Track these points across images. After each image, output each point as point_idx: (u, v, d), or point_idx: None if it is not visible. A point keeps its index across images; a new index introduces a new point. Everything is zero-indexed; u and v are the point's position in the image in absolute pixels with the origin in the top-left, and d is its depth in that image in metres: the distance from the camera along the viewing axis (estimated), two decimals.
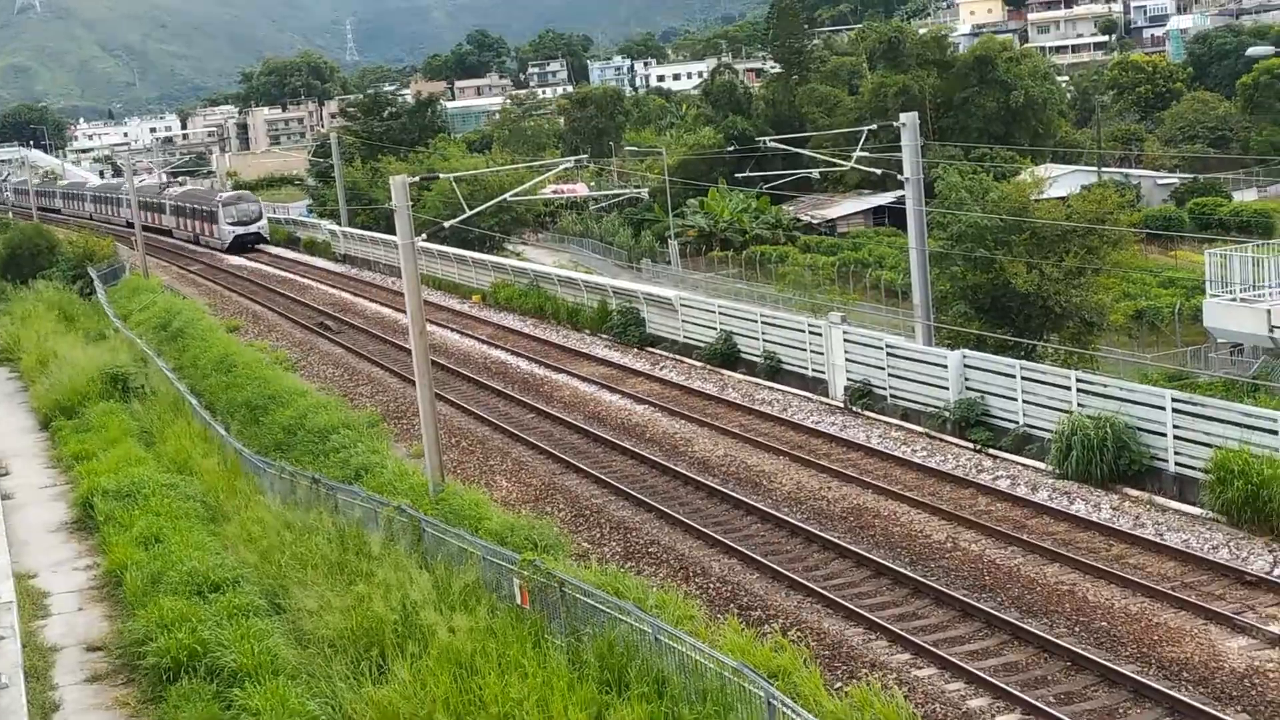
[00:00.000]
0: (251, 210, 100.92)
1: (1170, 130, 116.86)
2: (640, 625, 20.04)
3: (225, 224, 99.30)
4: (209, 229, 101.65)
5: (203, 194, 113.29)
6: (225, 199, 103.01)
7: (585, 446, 38.87)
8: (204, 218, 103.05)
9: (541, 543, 27.20)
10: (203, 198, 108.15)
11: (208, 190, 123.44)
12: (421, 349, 32.43)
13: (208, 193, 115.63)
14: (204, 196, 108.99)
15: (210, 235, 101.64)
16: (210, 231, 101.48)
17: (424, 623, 22.87)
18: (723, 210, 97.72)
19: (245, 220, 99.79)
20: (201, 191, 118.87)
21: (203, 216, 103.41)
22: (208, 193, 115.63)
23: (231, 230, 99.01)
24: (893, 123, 41.83)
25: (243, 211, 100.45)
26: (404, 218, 32.05)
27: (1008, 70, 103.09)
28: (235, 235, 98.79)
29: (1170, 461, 30.18)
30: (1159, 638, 22.86)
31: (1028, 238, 45.99)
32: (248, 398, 45.44)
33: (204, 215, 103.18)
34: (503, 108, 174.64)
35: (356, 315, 66.18)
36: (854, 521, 30.21)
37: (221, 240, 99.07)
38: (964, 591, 25.51)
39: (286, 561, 27.61)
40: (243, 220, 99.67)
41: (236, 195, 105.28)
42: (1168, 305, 61.10)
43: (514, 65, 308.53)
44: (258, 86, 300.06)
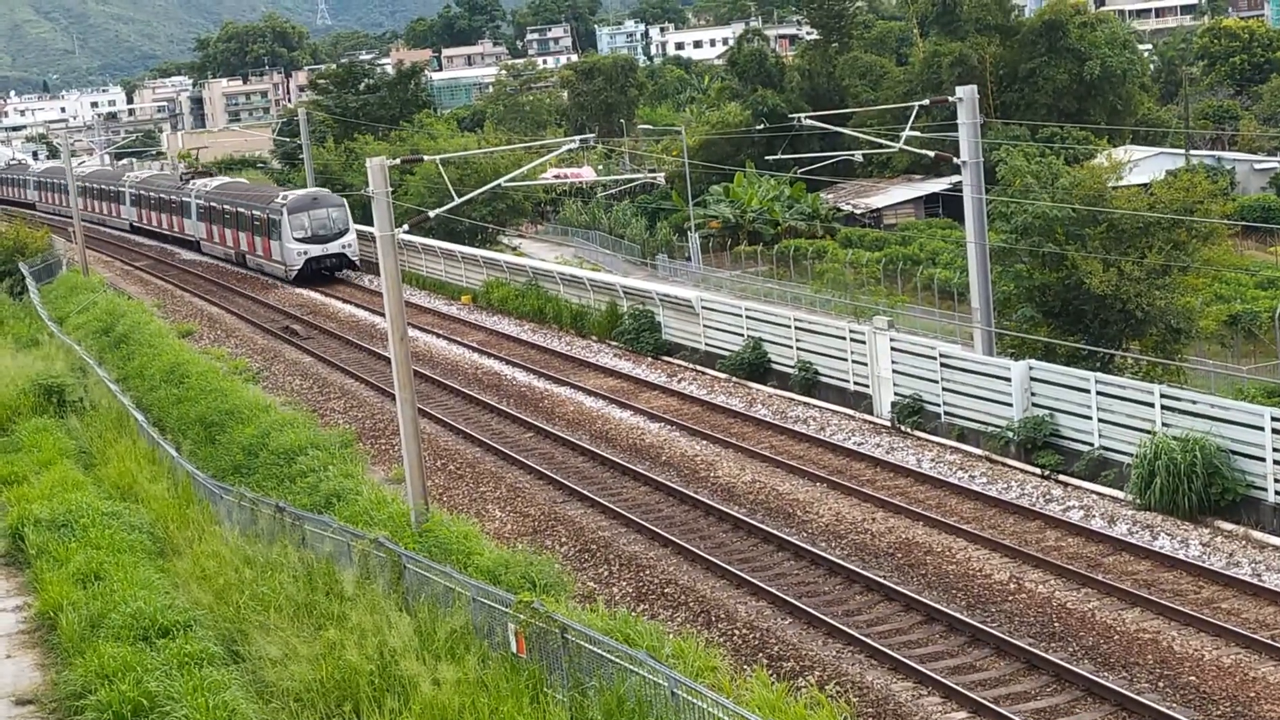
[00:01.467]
0: (334, 220, 77.85)
1: (1270, 107, 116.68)
2: (654, 678, 20.01)
3: (293, 240, 77.00)
4: (265, 245, 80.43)
5: (253, 192, 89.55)
6: (293, 201, 78.18)
7: (591, 471, 38.88)
8: (257, 228, 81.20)
9: (540, 582, 27.19)
10: (254, 197, 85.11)
11: (261, 187, 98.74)
12: (403, 357, 32.47)
13: (262, 190, 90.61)
14: (256, 196, 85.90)
15: (266, 254, 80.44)
16: (267, 249, 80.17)
17: (405, 674, 22.85)
18: (751, 198, 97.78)
19: (324, 234, 77.51)
20: (250, 188, 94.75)
21: (254, 227, 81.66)
22: (262, 190, 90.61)
23: (302, 250, 76.96)
24: (948, 98, 41.83)
25: (320, 221, 77.51)
26: (382, 206, 32.09)
27: (1081, 37, 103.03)
28: (308, 258, 76.96)
29: (1270, 490, 30.10)
30: (1256, 695, 22.79)
31: (1104, 231, 45.92)
32: (202, 413, 45.50)
33: (257, 225, 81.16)
34: (497, 80, 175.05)
35: (328, 318, 66.33)
36: (902, 559, 30.18)
37: (286, 263, 77.91)
38: (1030, 640, 25.46)
39: (246, 602, 27.59)
40: (320, 234, 77.40)
41: (310, 196, 79.64)
42: (1267, 309, 60.95)
43: (510, 31, 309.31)
44: (215, 55, 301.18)
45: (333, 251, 77.02)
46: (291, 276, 76.81)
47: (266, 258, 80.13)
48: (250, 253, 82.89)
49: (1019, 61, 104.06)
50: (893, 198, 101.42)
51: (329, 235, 77.03)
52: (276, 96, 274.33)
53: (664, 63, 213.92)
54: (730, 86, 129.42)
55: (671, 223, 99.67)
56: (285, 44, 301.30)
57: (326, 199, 79.44)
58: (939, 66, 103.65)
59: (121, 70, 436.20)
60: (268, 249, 79.79)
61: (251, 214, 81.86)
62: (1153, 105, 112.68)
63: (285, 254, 77.27)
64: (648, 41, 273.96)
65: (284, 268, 77.94)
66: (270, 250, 79.44)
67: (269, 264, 79.95)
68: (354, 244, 77.09)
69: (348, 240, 77.36)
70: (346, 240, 77.34)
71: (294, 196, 79.06)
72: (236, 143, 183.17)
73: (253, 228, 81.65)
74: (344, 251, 77.19)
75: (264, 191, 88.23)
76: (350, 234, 77.27)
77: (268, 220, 79.00)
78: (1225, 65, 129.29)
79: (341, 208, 78.15)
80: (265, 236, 79.74)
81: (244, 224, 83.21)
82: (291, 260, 76.87)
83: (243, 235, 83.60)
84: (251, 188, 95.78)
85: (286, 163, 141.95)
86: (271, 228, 78.53)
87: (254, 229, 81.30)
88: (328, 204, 78.48)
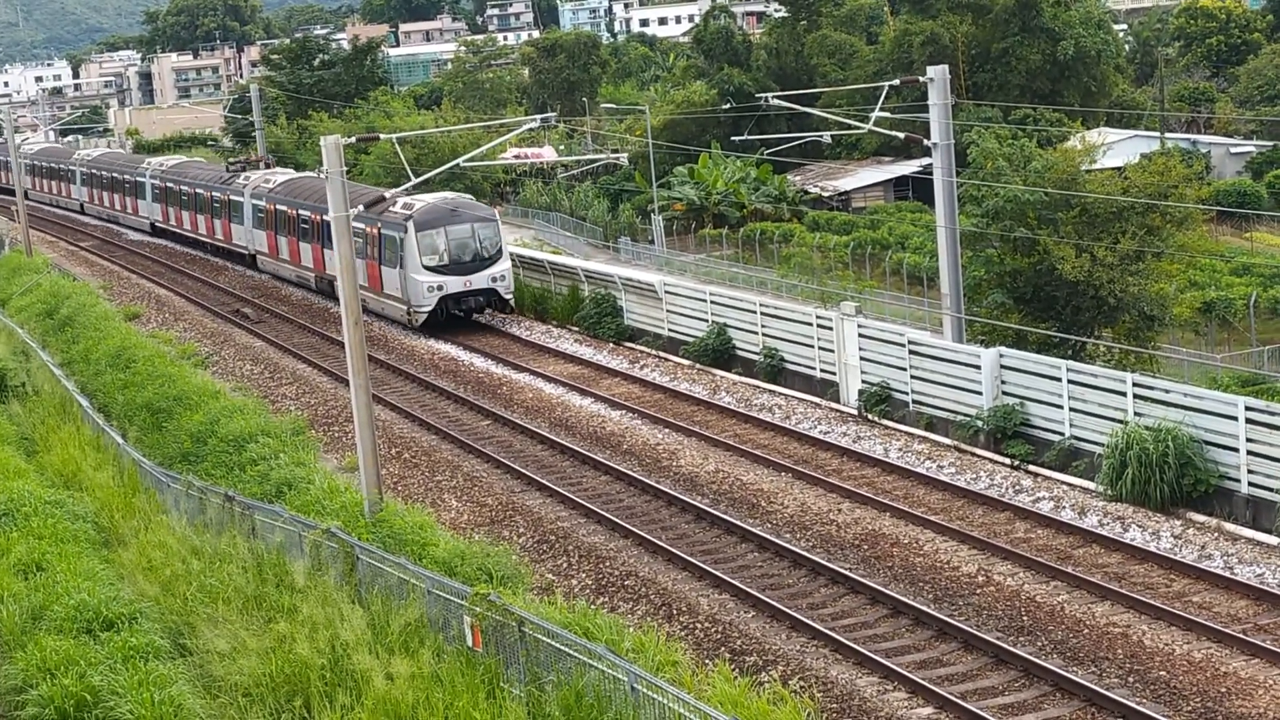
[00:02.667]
0: (482, 241, 56.15)
1: (1246, 89, 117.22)
2: (614, 672, 20.03)
3: (422, 268, 55.18)
4: (373, 274, 58.17)
5: (355, 193, 53.63)
6: (423, 212, 56.17)
7: (550, 459, 38.87)
8: (361, 249, 57.06)
9: (498, 573, 27.18)
10: (357, 201, 54.14)
11: (361, 187, 69.95)
12: (357, 342, 32.39)
13: (363, 192, 62.45)
14: (356, 200, 52.89)
15: (376, 287, 58.19)
16: (376, 279, 58.18)
17: (357, 668, 22.82)
18: (716, 180, 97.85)
19: (467, 261, 55.86)
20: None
21: (368, 245, 58.29)
22: (363, 192, 62.45)
23: (435, 284, 55.14)
24: (919, 78, 41.91)
25: (462, 242, 55.94)
26: (337, 186, 32.03)
27: (1055, 17, 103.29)
28: (444, 295, 55.32)
29: (1243, 481, 30.29)
30: (1227, 689, 22.94)
31: (1077, 215, 46.13)
32: (149, 399, 45.33)
33: (361, 243, 57.31)
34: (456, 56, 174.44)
35: (280, 301, 66.10)
36: (868, 550, 30.27)
37: (410, 301, 55.98)
38: (998, 634, 25.58)
39: (194, 594, 27.52)
40: (462, 260, 55.75)
41: (447, 206, 57.24)
42: (1241, 296, 61.31)
43: (470, 6, 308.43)
44: (164, 29, 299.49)
45: (478, 287, 55.22)
46: (418, 321, 55.34)
47: (377, 291, 57.76)
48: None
49: (991, 41, 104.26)
50: (862, 180, 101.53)
51: (474, 263, 55.37)
52: (228, 72, 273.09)
53: (628, 40, 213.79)
54: (695, 65, 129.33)
55: (635, 205, 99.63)
56: (237, 18, 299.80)
57: (470, 209, 57.31)
58: (910, 46, 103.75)
59: (67, 44, 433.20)
60: (378, 279, 57.57)
61: (356, 226, 54.83)
62: (1127, 87, 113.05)
63: (409, 288, 54.85)
64: (611, 18, 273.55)
65: (405, 308, 56.03)
66: (382, 281, 57.33)
67: (381, 300, 57.78)
68: (508, 275, 55.72)
69: (500, 270, 55.52)
70: (498, 270, 55.53)
71: (423, 205, 56.36)
72: (187, 119, 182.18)
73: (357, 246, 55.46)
74: (494, 286, 55.36)
75: (365, 193, 60.58)
76: (504, 260, 55.90)
77: (380, 238, 57.14)
78: (1201, 47, 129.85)
79: (492, 223, 56.44)
80: (375, 260, 57.91)
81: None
82: (419, 298, 54.79)
83: (331, 255, 54.94)
84: (352, 190, 63.22)
85: (238, 140, 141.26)
86: (387, 249, 56.74)
87: (359, 246, 56.32)
88: (472, 216, 56.62)
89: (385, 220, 57.25)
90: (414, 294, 55.20)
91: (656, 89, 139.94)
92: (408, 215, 55.63)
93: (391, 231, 56.38)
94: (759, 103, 53.42)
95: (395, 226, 56.18)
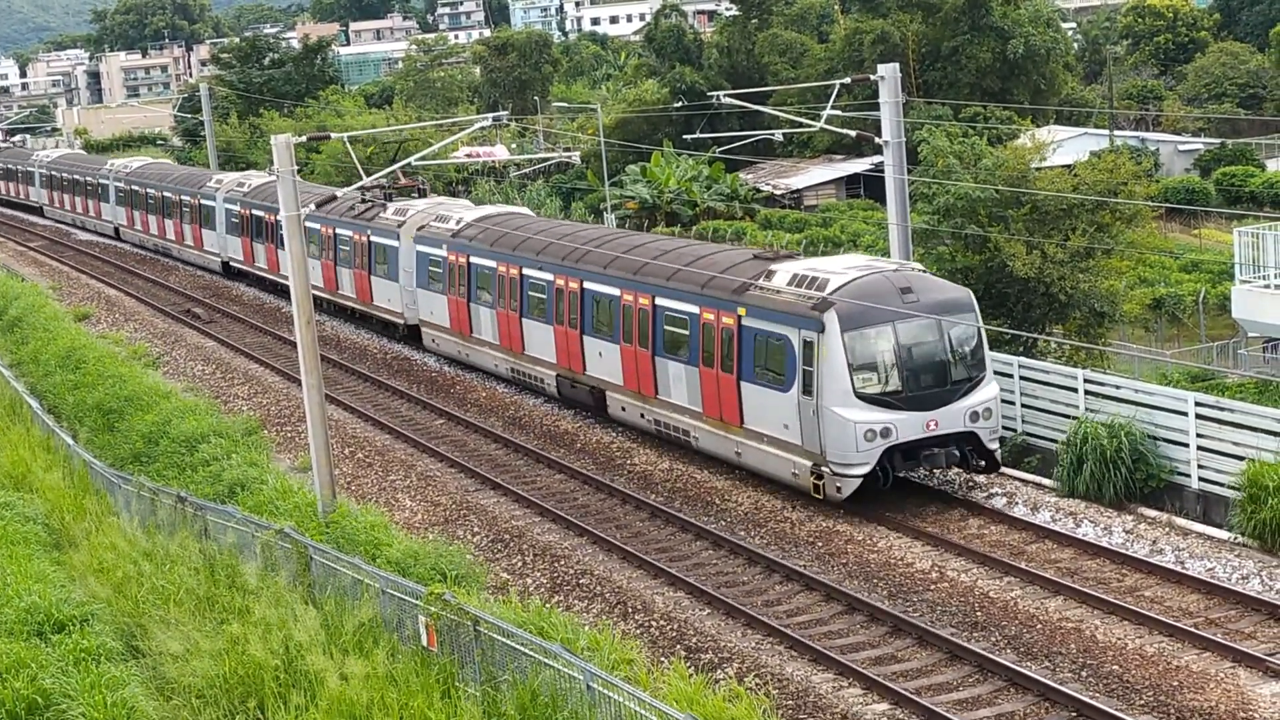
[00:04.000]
0: (956, 347, 32.91)
1: (1194, 87, 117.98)
2: (569, 671, 20.01)
3: (853, 397, 31.84)
4: (724, 391, 34.78)
5: (657, 255, 38.99)
6: (851, 296, 32.34)
7: (504, 458, 38.80)
8: (699, 349, 35.63)
9: (452, 573, 27.13)
10: (666, 267, 37.91)
11: (650, 241, 43.31)
12: (309, 341, 32.25)
13: (663, 247, 40.50)
14: (666, 262, 38.19)
15: (748, 416, 34.34)
16: (746, 408, 34.37)
17: (311, 668, 22.74)
18: (668, 178, 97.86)
19: (933, 385, 32.56)
20: (636, 241, 42.40)
21: (696, 343, 35.85)
22: (663, 247, 40.50)
23: (878, 426, 31.80)
24: (869, 76, 41.98)
25: (930, 352, 32.69)
26: (288, 185, 31.88)
27: (1004, 15, 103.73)
28: (893, 447, 32.05)
29: (1193, 476, 30.48)
30: (1179, 683, 23.07)
31: (1028, 212, 46.30)
32: (100, 400, 45.06)
33: (701, 336, 35.55)
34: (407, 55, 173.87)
35: (231, 301, 65.75)
36: (823, 547, 30.31)
37: (827, 450, 32.11)
38: (952, 630, 25.65)
39: (146, 596, 27.39)
40: (925, 385, 32.52)
41: (898, 280, 33.22)
42: (1190, 293, 61.68)
43: (420, 4, 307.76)
44: (112, 28, 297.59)
45: (950, 431, 32.45)
46: (842, 492, 31.97)
47: (757, 429, 34.11)
48: (673, 399, 36.92)
49: (942, 39, 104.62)
50: (813, 178, 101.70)
51: (944, 390, 32.59)
52: (177, 71, 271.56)
53: (579, 38, 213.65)
54: (647, 63, 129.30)
55: (587, 203, 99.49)
56: (186, 16, 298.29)
57: (928, 288, 33.46)
58: (861, 44, 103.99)
59: (14, 42, 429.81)
60: (762, 408, 33.87)
61: (689, 308, 35.73)
62: (1076, 85, 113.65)
63: (825, 432, 31.99)
64: (562, 16, 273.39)
65: (826, 470, 32.17)
66: (765, 409, 33.72)
67: (760, 451, 34.10)
68: (994, 405, 32.84)
69: (983, 399, 32.82)
70: (981, 399, 32.79)
71: (849, 283, 32.77)
72: (136, 119, 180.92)
73: (690, 344, 35.82)
74: (975, 430, 32.62)
75: (663, 247, 39.98)
76: (988, 383, 33.11)
77: (771, 342, 33.40)
78: (1149, 45, 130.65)
79: (969, 311, 33.25)
80: (717, 370, 34.86)
81: (654, 328, 37.42)
82: (844, 449, 31.82)
83: (667, 365, 36.72)
84: (629, 239, 42.84)
85: (188, 140, 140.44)
86: (778, 358, 33.26)
87: (692, 346, 35.76)
88: (936, 303, 32.98)
89: (735, 292, 34.49)
90: (834, 442, 31.75)
91: (608, 87, 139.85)
92: (820, 303, 32.07)
93: (799, 327, 32.23)
94: (711, 101, 53.55)
95: (801, 321, 32.18)
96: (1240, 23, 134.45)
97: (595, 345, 39.68)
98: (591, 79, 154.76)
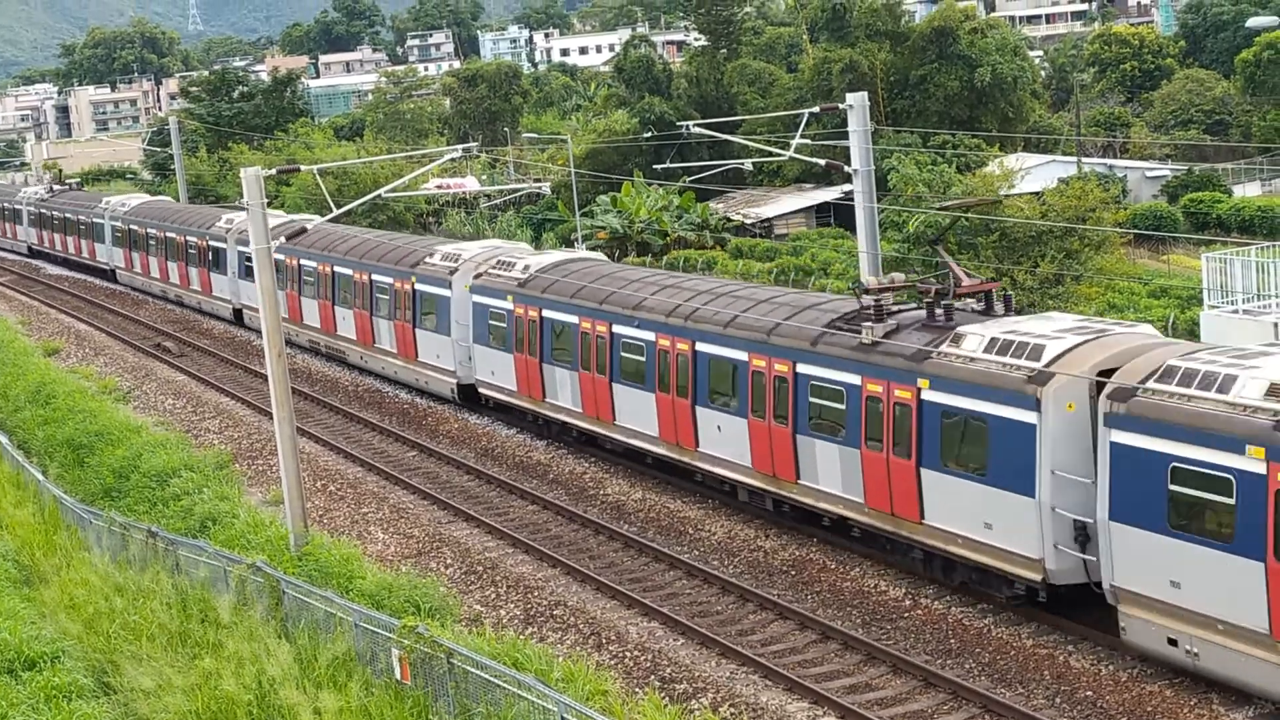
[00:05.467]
0: None
1: (1160, 114, 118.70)
2: (544, 703, 19.96)
3: None
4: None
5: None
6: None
7: (477, 490, 38.73)
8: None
9: (425, 605, 27.06)
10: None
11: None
12: (280, 374, 32.18)
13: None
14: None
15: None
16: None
17: (284, 703, 22.64)
18: (639, 208, 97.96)
19: None
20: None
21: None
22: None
23: None
24: (838, 105, 42.16)
25: None
26: (258, 218, 31.84)
27: (971, 44, 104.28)
28: None
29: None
30: (1154, 709, 23.10)
31: (997, 239, 46.54)
32: (70, 435, 44.86)
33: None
34: (376, 87, 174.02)
35: (201, 334, 65.58)
36: (796, 576, 30.31)
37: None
38: (926, 658, 25.65)
39: (117, 632, 27.25)
40: None
41: None
42: (1159, 318, 61.90)
43: (390, 37, 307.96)
44: (81, 61, 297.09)
45: None
46: None
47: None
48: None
49: (910, 68, 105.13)
50: (783, 207, 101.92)
51: None
52: (147, 105, 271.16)
53: (549, 69, 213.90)
54: (617, 94, 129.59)
55: (558, 234, 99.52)
56: (155, 50, 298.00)
57: None
58: (829, 73, 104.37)
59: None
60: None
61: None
62: (1044, 112, 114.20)
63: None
64: (532, 48, 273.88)
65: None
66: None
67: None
68: None
69: None
70: None
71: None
72: (105, 153, 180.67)
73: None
74: None
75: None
76: None
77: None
78: (1116, 72, 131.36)
79: None
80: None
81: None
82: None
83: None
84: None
85: (158, 173, 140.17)
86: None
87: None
88: None
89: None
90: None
91: (578, 118, 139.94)
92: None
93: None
94: (680, 131, 53.70)
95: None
96: (1205, 50, 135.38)
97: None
98: (561, 110, 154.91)
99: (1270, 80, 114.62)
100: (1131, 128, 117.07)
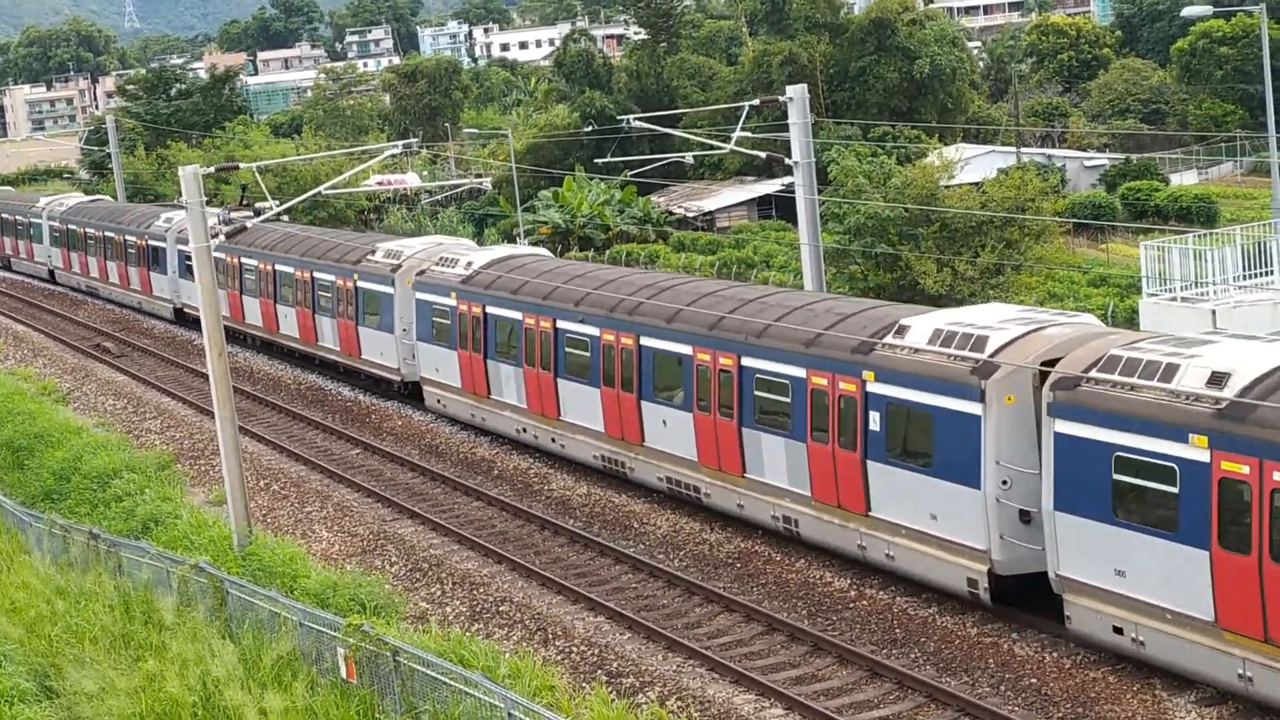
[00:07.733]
0: None
1: (1098, 104, 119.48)
2: (490, 699, 19.92)
3: None
4: None
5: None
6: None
7: (421, 487, 38.62)
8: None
9: (370, 603, 26.98)
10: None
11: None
12: (221, 373, 32.01)
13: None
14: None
15: None
16: None
17: (229, 704, 22.53)
18: (580, 203, 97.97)
19: None
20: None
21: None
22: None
23: None
24: (778, 98, 42.24)
25: None
26: (197, 216, 31.68)
27: (909, 35, 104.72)
28: None
29: None
30: (1096, 695, 23.26)
31: (937, 230, 46.76)
32: (9, 437, 44.56)
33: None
34: (315, 84, 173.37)
35: (141, 334, 65.13)
36: (741, 568, 30.36)
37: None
38: (871, 648, 25.74)
39: (59, 635, 27.05)
40: None
41: None
42: (1099, 307, 62.33)
43: (329, 33, 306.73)
44: (16, 60, 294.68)
45: None
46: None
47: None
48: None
49: (849, 60, 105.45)
50: (725, 200, 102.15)
51: None
52: (83, 103, 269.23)
53: (489, 64, 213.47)
54: (557, 88, 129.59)
55: (500, 229, 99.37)
56: (91, 48, 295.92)
57: None
58: (769, 66, 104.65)
59: None
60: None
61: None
62: (983, 103, 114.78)
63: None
64: (471, 43, 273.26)
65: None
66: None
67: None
68: None
69: None
70: None
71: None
72: (41, 153, 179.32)
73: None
74: None
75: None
76: None
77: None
78: (1053, 63, 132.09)
79: None
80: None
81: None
82: None
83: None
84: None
85: (95, 173, 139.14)
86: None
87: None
88: None
89: None
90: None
91: (519, 113, 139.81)
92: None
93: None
94: (621, 125, 53.60)
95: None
96: (1141, 40, 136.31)
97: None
98: (502, 105, 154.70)
99: (1205, 69, 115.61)
100: (1069, 118, 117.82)
